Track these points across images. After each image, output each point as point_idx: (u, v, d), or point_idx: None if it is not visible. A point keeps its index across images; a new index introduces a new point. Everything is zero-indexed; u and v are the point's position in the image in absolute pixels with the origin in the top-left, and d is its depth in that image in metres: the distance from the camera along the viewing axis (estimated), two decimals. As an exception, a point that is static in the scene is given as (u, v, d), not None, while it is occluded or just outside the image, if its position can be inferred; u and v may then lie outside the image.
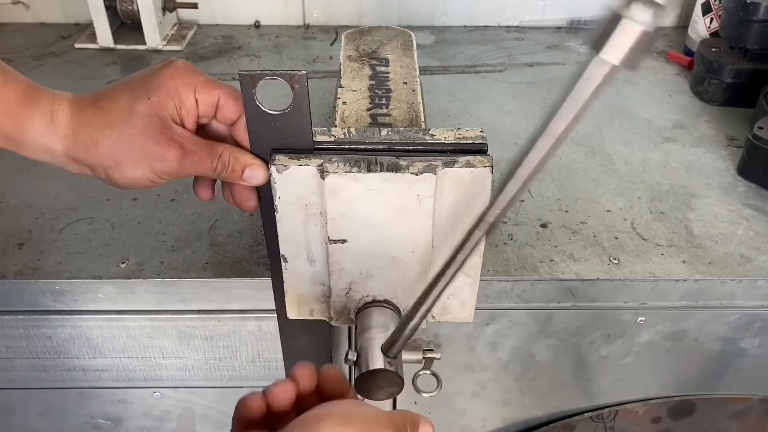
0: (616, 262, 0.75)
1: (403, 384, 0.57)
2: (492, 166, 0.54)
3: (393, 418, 0.44)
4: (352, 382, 0.55)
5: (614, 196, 0.86)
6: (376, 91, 0.71)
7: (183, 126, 0.52)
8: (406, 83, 0.72)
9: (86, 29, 1.28)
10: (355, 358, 0.56)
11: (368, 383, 0.56)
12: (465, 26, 1.36)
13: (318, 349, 0.74)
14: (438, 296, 0.51)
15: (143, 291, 0.73)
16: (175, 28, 1.31)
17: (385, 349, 0.55)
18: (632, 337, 0.80)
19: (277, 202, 0.55)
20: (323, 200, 0.54)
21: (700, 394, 0.87)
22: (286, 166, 0.53)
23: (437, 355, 0.64)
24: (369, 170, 0.53)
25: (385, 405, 0.88)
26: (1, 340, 0.78)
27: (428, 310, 0.52)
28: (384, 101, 0.69)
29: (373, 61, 0.77)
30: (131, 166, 0.51)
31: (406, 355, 0.63)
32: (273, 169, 0.53)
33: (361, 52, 0.79)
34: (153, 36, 1.23)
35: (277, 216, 0.56)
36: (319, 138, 0.56)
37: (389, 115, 0.66)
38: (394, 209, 0.55)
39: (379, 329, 0.58)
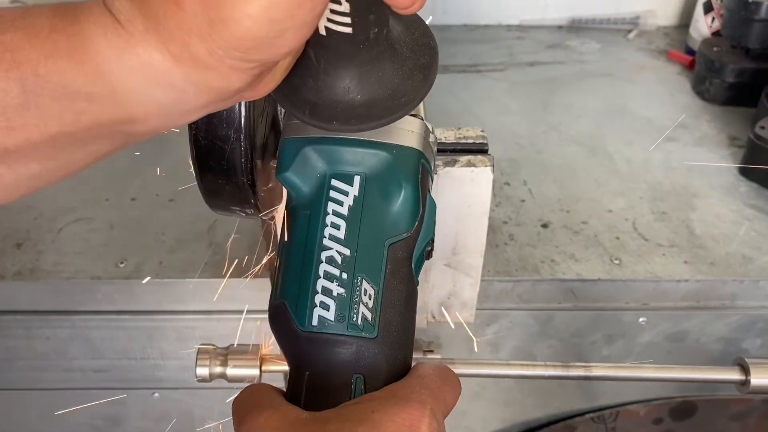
0: (617, 262, 0.74)
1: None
2: (493, 166, 0.53)
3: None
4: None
5: (616, 196, 0.85)
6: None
7: None
8: (406, 82, 0.72)
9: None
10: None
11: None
12: (465, 25, 1.35)
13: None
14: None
15: (142, 291, 0.73)
16: (174, 28, 1.31)
17: None
18: (633, 338, 0.79)
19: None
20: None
21: (701, 395, 0.87)
22: (285, 165, 0.53)
23: (438, 356, 0.64)
24: (369, 170, 0.52)
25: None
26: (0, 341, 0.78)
27: None
28: (384, 101, 0.68)
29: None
30: None
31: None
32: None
33: (361, 52, 0.79)
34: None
35: (277, 216, 0.56)
36: (318, 138, 0.55)
37: (389, 115, 0.66)
38: (395, 209, 0.54)
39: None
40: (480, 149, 0.55)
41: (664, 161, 0.93)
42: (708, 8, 1.18)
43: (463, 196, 0.54)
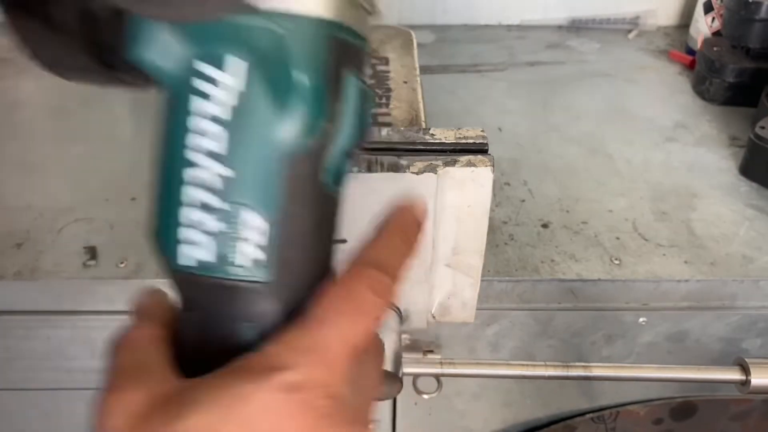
0: (617, 262, 0.74)
1: (402, 385, 0.56)
2: (493, 166, 0.53)
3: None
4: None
5: (616, 196, 0.85)
6: (376, 90, 0.70)
7: None
8: (406, 82, 0.72)
9: (86, 28, 1.28)
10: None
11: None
12: (466, 25, 1.36)
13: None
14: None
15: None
16: (174, 28, 1.31)
17: None
18: (634, 338, 0.79)
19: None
20: (323, 200, 0.54)
21: (701, 396, 0.87)
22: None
23: (437, 356, 0.64)
24: (369, 170, 0.52)
25: (385, 406, 0.88)
26: (-1, 341, 0.78)
27: None
28: (384, 100, 0.68)
29: (373, 60, 0.77)
30: None
31: (405, 355, 0.62)
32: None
33: (362, 51, 0.79)
34: (152, 35, 1.23)
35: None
36: (318, 138, 0.55)
37: (389, 115, 0.66)
38: (395, 209, 0.54)
39: (380, 330, 0.58)
40: (480, 149, 0.55)
41: (664, 161, 0.93)
42: (708, 8, 1.18)
43: (463, 196, 0.54)
